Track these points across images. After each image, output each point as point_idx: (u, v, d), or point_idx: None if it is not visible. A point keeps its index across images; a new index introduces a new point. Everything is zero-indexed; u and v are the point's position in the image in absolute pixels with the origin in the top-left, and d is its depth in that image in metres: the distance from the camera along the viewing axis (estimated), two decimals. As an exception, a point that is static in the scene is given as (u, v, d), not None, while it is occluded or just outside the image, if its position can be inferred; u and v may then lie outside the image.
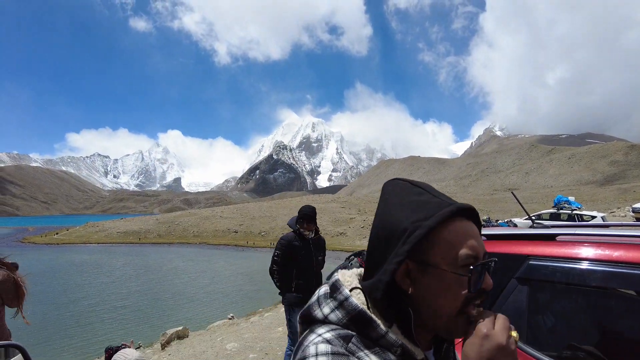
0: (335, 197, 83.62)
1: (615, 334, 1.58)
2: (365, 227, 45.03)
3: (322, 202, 66.73)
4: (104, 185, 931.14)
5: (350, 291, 0.72)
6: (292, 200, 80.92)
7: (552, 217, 17.51)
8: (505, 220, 19.29)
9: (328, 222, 48.33)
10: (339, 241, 40.80)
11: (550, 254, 1.72)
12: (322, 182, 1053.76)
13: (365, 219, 48.77)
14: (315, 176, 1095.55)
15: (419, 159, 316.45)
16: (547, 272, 1.69)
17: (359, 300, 0.71)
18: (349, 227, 46.62)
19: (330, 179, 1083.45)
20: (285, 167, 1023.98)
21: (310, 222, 4.22)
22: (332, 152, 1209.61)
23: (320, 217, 4.52)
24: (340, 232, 44.81)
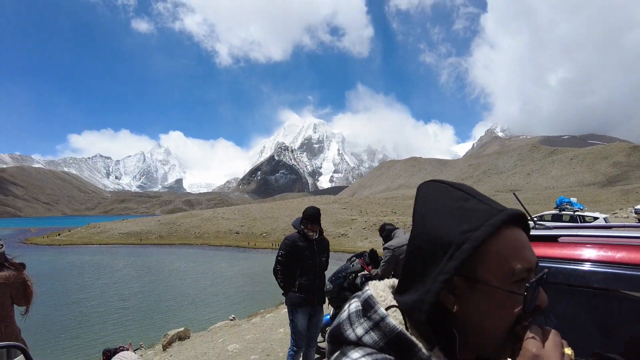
0: (337, 198, 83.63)
1: (618, 335, 1.56)
2: (367, 228, 44.98)
3: (323, 203, 66.74)
4: (106, 186, 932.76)
5: (386, 310, 0.63)
6: (294, 201, 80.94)
7: (554, 218, 17.43)
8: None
9: (329, 223, 48.29)
10: (340, 242, 40.78)
11: (552, 255, 1.71)
12: (324, 183, 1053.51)
13: (367, 220, 48.72)
14: (317, 177, 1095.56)
15: (420, 160, 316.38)
16: (549, 273, 1.74)
17: (396, 320, 0.62)
18: (350, 228, 46.59)
19: (331, 180, 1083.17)
20: (287, 168, 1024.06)
21: (315, 223, 4.25)
22: (334, 153, 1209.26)
23: (321, 218, 4.53)
24: (341, 233, 44.78)
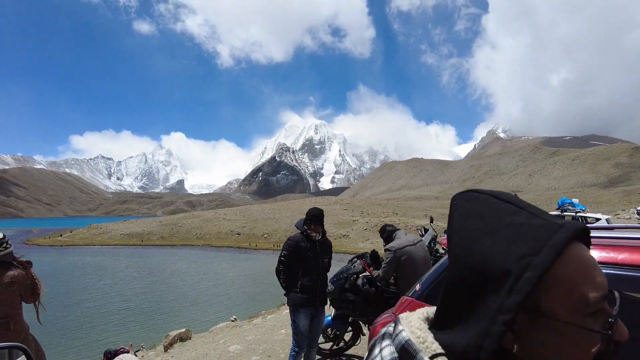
0: (338, 199, 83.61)
1: None
2: (368, 229, 44.96)
3: (324, 204, 66.70)
4: (108, 187, 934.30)
5: (432, 359, 0.49)
6: (295, 202, 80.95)
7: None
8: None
9: (331, 224, 48.27)
10: (341, 243, 40.76)
11: None
12: (325, 184, 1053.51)
13: (368, 221, 48.70)
14: (318, 178, 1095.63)
15: (422, 161, 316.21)
16: None
17: None
18: (351, 229, 46.58)
19: (333, 181, 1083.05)
20: (288, 169, 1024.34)
21: (318, 224, 4.27)
22: (335, 154, 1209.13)
23: (324, 219, 4.55)
24: (343, 234, 44.77)
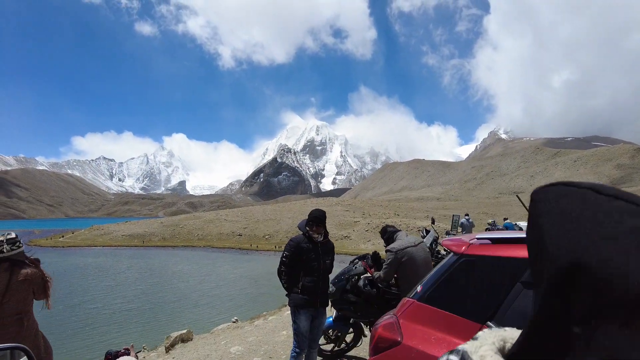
0: (340, 200, 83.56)
1: None
2: (370, 230, 44.90)
3: (326, 205, 66.66)
4: (109, 188, 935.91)
5: None
6: (296, 203, 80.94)
7: (558, 220, 17.41)
8: (506, 219, 19.21)
9: (332, 225, 48.22)
10: (343, 244, 40.73)
11: None
12: (326, 185, 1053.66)
13: (369, 222, 48.63)
14: (320, 179, 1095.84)
15: (423, 162, 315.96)
16: None
17: None
18: (353, 230, 46.54)
19: (334, 182, 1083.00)
20: (290, 170, 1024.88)
21: (320, 225, 4.29)
22: (337, 155, 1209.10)
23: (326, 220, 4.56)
24: (344, 235, 44.74)
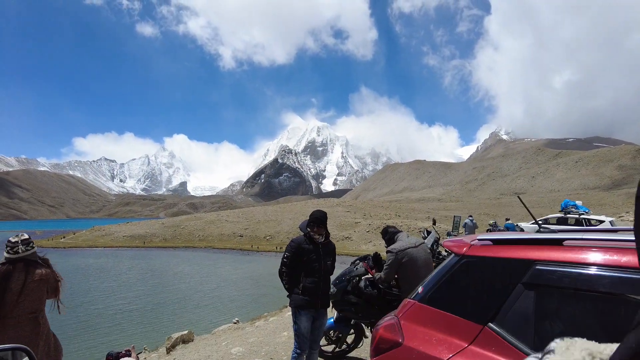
0: (341, 201, 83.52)
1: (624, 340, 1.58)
2: (371, 231, 44.87)
3: (327, 206, 66.63)
4: (111, 189, 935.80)
5: None
6: (297, 204, 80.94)
7: (560, 221, 17.39)
8: (508, 220, 19.20)
9: (333, 226, 48.20)
10: (344, 245, 40.72)
11: (557, 258, 1.71)
12: (328, 186, 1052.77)
13: (370, 223, 48.60)
14: (321, 180, 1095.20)
15: (424, 163, 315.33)
16: (554, 277, 1.67)
17: None
18: (354, 231, 46.51)
19: (335, 183, 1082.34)
20: (291, 171, 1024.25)
21: (321, 226, 4.28)
22: (337, 156, 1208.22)
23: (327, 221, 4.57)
24: (345, 236, 44.71)
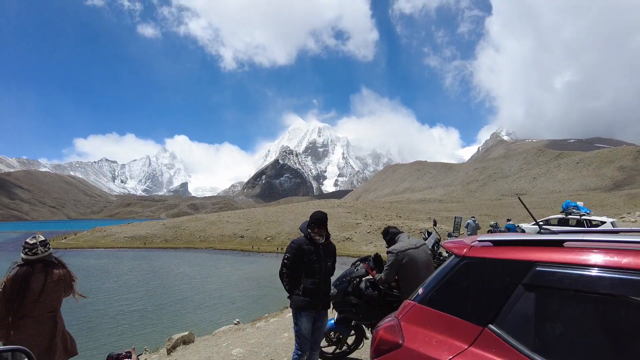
0: (342, 202, 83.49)
1: (626, 343, 1.52)
2: (372, 232, 44.81)
3: (328, 207, 66.61)
4: (112, 190, 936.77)
5: None
6: (298, 205, 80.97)
7: (561, 222, 17.35)
8: (509, 221, 19.17)
9: (334, 227, 48.17)
10: (345, 246, 40.67)
11: (557, 260, 1.70)
12: (328, 187, 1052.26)
13: (371, 224, 48.55)
14: (322, 181, 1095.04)
15: (425, 164, 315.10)
16: (554, 278, 1.66)
17: None
18: (355, 232, 46.46)
19: (336, 184, 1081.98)
20: (292, 172, 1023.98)
21: (321, 227, 4.27)
22: (338, 157, 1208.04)
23: (327, 222, 4.57)
24: (346, 237, 44.67)
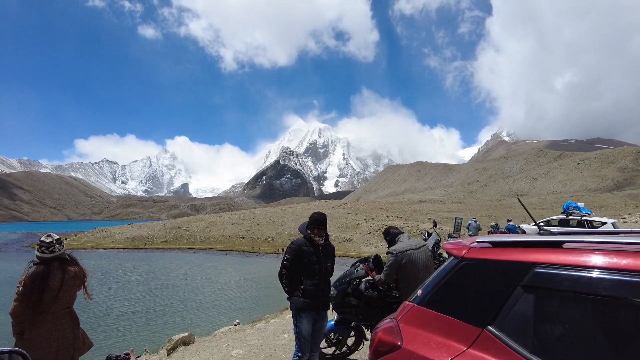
0: (342, 203, 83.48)
1: (626, 345, 1.51)
2: (372, 232, 44.79)
3: (328, 207, 66.61)
4: (112, 191, 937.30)
5: None
6: (299, 206, 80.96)
7: (562, 223, 17.35)
8: (509, 221, 19.16)
9: (334, 227, 48.16)
10: (345, 247, 40.66)
11: (557, 261, 1.69)
12: (329, 188, 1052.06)
13: (372, 225, 48.52)
14: (322, 182, 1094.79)
15: (426, 165, 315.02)
16: (553, 280, 1.66)
17: None
18: (355, 233, 46.43)
19: (336, 185, 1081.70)
20: (292, 172, 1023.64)
21: (321, 227, 4.26)
22: (339, 157, 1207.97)
23: (327, 223, 4.55)
24: (346, 238, 44.65)
